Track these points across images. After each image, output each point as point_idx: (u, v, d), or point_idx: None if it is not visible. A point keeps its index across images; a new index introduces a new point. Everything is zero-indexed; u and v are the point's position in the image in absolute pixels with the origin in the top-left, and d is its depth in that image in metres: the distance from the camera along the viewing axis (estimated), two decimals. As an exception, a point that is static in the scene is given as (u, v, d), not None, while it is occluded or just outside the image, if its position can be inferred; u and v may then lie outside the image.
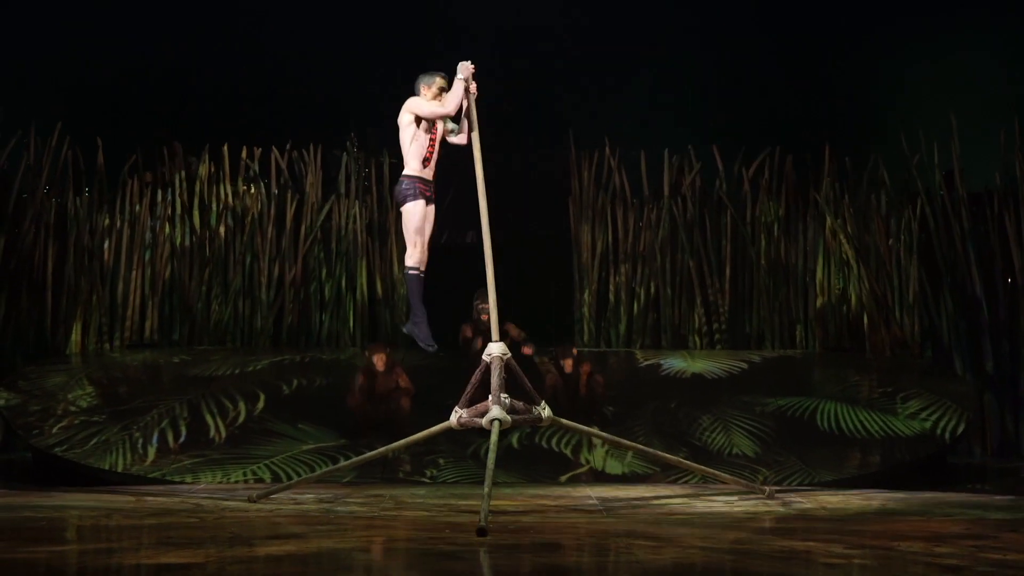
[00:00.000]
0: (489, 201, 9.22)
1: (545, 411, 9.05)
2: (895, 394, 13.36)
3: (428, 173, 9.61)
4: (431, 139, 9.54)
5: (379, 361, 12.91)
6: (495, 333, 9.08)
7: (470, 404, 9.02)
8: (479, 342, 12.92)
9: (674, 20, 18.23)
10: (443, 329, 15.66)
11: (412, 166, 9.55)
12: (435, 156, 9.61)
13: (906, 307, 15.27)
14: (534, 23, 17.80)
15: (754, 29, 17.90)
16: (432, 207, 9.77)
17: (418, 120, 9.47)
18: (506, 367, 8.91)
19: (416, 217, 9.64)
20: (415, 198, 9.58)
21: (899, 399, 13.22)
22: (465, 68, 9.30)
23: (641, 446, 10.33)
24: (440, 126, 9.56)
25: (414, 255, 9.72)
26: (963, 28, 17.85)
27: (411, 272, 9.76)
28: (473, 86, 9.34)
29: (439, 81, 9.51)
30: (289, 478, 11.15)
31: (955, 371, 14.73)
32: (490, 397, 8.82)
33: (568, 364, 13.19)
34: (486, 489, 8.03)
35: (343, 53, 17.30)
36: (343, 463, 10.54)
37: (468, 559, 6.84)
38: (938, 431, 12.60)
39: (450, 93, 9.35)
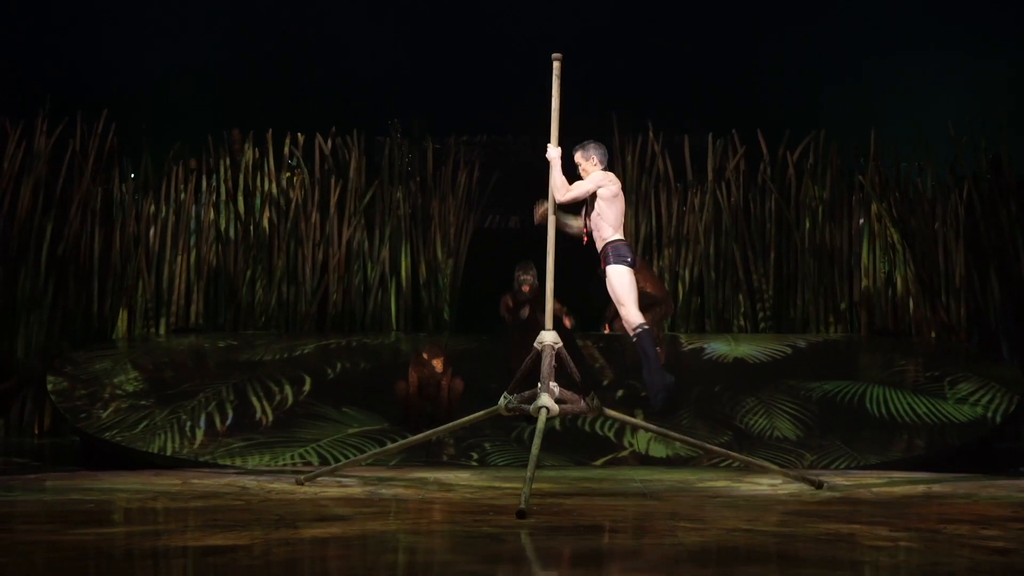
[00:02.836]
0: (536, 191, 9.29)
1: (594, 402, 9.07)
2: (942, 378, 13.27)
3: None
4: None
5: (438, 364, 12.88)
6: (548, 322, 9.10)
7: (519, 390, 9.05)
8: (526, 310, 12.87)
9: (719, 4, 18.16)
10: (488, 312, 15.80)
11: (620, 232, 9.53)
12: None
13: (952, 291, 15.17)
14: (576, 6, 17.75)
15: (798, 13, 17.78)
16: None
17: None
18: (557, 356, 8.96)
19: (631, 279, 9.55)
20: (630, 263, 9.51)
21: (947, 383, 13.14)
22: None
23: (687, 438, 10.29)
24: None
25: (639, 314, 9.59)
26: (1012, 10, 17.67)
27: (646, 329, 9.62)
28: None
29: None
30: (336, 461, 11.19)
31: (1002, 355, 14.63)
32: (539, 385, 8.85)
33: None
34: (529, 474, 8.06)
35: (387, 39, 17.33)
36: (389, 446, 10.56)
37: (511, 541, 6.85)
38: (987, 415, 12.52)
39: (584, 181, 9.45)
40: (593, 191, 9.42)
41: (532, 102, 9.80)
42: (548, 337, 8.97)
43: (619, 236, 9.48)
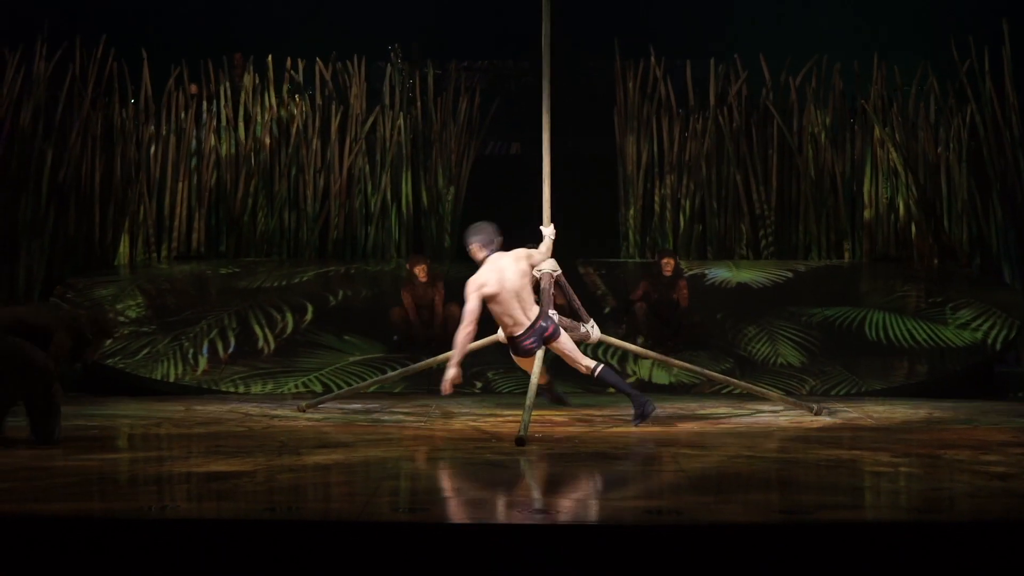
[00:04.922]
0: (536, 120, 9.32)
1: (594, 329, 9.11)
2: (944, 303, 13.26)
3: None
4: None
5: (421, 272, 12.92)
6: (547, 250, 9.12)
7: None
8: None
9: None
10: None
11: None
12: None
13: (955, 216, 15.11)
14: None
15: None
16: None
17: None
18: (556, 283, 8.98)
19: None
20: None
21: (948, 308, 13.13)
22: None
23: (689, 365, 10.32)
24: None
25: None
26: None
27: None
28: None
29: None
30: (338, 389, 11.23)
31: (1004, 280, 14.61)
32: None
33: (669, 266, 13.05)
34: (528, 401, 8.10)
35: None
36: (390, 373, 10.60)
37: (512, 468, 6.90)
38: (988, 340, 12.53)
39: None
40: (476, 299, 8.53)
41: (533, 27, 9.70)
42: (548, 265, 8.98)
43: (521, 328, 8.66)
